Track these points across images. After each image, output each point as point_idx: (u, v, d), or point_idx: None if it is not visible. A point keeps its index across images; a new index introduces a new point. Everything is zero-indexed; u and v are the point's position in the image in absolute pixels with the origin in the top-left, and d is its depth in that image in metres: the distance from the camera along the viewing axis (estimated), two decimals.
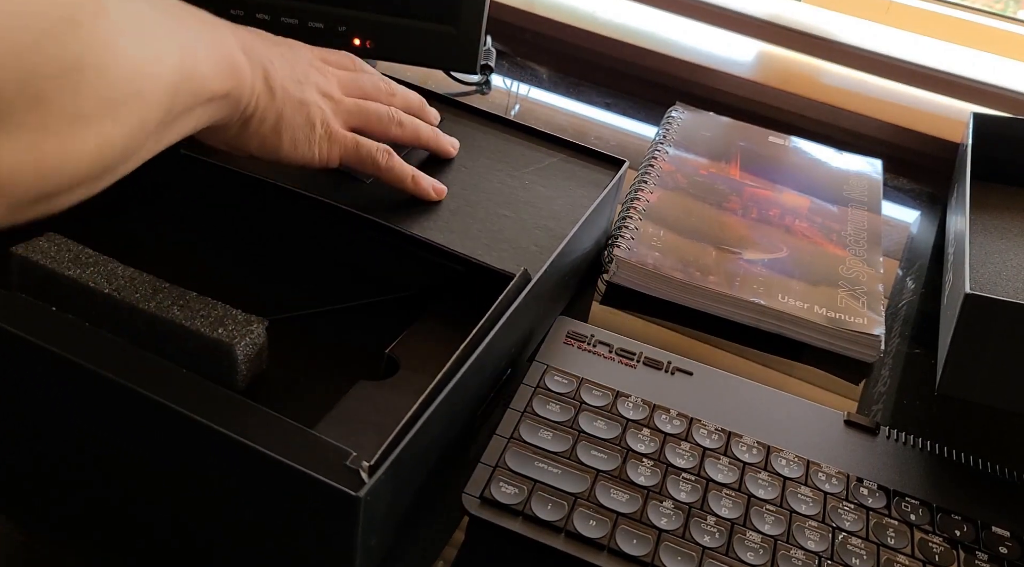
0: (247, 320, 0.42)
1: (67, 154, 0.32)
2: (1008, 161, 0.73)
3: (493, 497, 0.42)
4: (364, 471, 0.34)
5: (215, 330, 0.41)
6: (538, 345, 0.51)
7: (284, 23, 0.65)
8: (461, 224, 0.51)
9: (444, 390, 0.39)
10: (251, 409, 0.36)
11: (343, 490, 0.33)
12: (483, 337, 0.43)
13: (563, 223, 0.53)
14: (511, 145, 0.60)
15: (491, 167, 0.57)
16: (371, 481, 0.34)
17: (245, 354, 0.41)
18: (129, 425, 0.38)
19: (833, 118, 0.84)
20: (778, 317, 0.57)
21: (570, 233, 0.51)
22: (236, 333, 0.41)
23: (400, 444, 0.36)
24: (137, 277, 0.43)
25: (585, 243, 0.56)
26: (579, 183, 0.57)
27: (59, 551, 0.41)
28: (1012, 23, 0.92)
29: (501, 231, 0.51)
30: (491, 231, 0.51)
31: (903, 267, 0.68)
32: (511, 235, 0.51)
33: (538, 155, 0.59)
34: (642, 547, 0.41)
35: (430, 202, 0.52)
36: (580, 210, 0.54)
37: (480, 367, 0.43)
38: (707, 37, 0.92)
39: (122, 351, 0.37)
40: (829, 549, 0.42)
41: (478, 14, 0.67)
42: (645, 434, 0.46)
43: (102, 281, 0.42)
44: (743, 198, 0.68)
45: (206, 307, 0.42)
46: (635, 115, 0.82)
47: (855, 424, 0.49)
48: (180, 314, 0.41)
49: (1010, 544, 0.44)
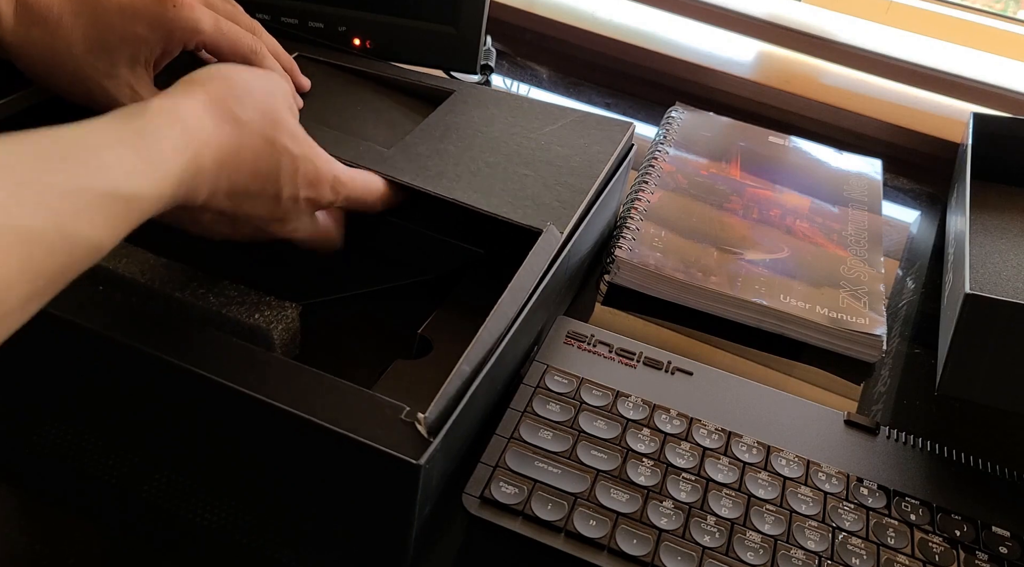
0: (281, 305, 0.43)
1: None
2: (1008, 161, 0.73)
3: (493, 497, 0.42)
4: (421, 424, 0.35)
5: (251, 316, 0.41)
6: (536, 345, 0.51)
7: (284, 23, 0.66)
8: (484, 184, 0.51)
9: (499, 349, 0.40)
10: (306, 373, 0.37)
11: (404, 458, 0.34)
12: (525, 292, 0.43)
13: (583, 179, 0.53)
14: (521, 113, 0.59)
15: (506, 131, 0.57)
16: (432, 444, 0.35)
17: (281, 338, 0.42)
18: (177, 401, 0.39)
19: (833, 118, 0.84)
20: (780, 317, 0.57)
21: (592, 188, 0.51)
22: (272, 318, 0.42)
23: (458, 405, 0.37)
24: (170, 266, 0.43)
25: (608, 207, 0.56)
26: (593, 140, 0.57)
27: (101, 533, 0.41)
28: (1012, 23, 0.92)
29: (523, 189, 0.51)
30: (513, 190, 0.51)
31: (903, 267, 0.68)
32: (533, 192, 0.51)
33: (550, 119, 0.59)
34: (642, 547, 0.41)
35: (446, 161, 0.51)
36: (598, 166, 0.54)
37: (524, 327, 0.43)
38: (707, 37, 0.92)
39: (167, 328, 0.38)
40: (829, 549, 0.42)
41: (478, 14, 0.67)
42: (645, 434, 0.46)
43: (135, 271, 0.43)
44: (744, 198, 0.68)
45: (240, 294, 0.43)
46: (635, 115, 0.82)
47: (855, 424, 0.49)
48: (215, 301, 0.42)
49: (1010, 544, 0.44)
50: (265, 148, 0.41)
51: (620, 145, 0.57)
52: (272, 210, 0.43)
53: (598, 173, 0.53)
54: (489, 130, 0.57)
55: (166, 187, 0.35)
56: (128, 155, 0.33)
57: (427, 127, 0.55)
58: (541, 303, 0.45)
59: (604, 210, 0.56)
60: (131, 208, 0.33)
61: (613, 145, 0.57)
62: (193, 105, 0.38)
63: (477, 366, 0.39)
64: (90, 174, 0.32)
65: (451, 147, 0.54)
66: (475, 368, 0.39)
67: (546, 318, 0.51)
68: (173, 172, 0.35)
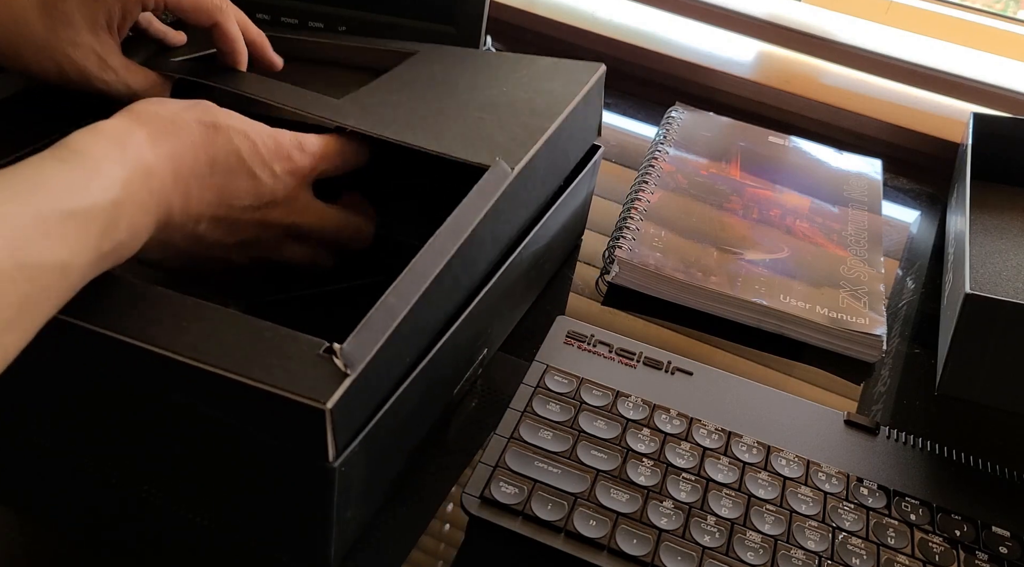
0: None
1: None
2: (1008, 161, 0.73)
3: (493, 497, 0.42)
4: (338, 356, 0.32)
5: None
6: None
7: (284, 23, 0.66)
8: (435, 129, 0.47)
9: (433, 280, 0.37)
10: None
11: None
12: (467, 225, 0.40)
13: (543, 118, 0.49)
14: (486, 65, 0.57)
15: (467, 82, 0.54)
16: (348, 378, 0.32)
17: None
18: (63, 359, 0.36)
19: (833, 118, 0.84)
20: (780, 318, 0.57)
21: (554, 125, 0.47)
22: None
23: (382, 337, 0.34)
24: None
25: (572, 146, 0.52)
26: (560, 83, 0.53)
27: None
28: (1012, 23, 0.92)
29: (477, 131, 0.47)
30: (465, 133, 0.47)
31: (903, 267, 0.68)
32: (488, 133, 0.47)
33: (516, 68, 0.56)
34: (642, 547, 0.41)
35: (398, 110, 0.49)
36: (562, 105, 0.50)
37: (468, 262, 0.40)
38: (707, 37, 0.92)
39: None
40: (829, 549, 0.42)
41: (478, 14, 0.67)
42: (645, 434, 0.46)
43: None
44: (744, 198, 0.68)
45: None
46: (635, 115, 0.82)
47: (855, 424, 0.49)
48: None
49: (1010, 544, 0.44)
50: (210, 134, 0.40)
51: (588, 85, 0.53)
52: (258, 193, 0.42)
53: (560, 112, 0.49)
54: (448, 81, 0.54)
55: (115, 193, 0.34)
56: (66, 170, 0.33)
57: (382, 81, 0.53)
58: (488, 240, 0.43)
59: (568, 147, 0.52)
60: (88, 223, 0.33)
61: (580, 86, 0.53)
62: (114, 122, 0.38)
63: (410, 300, 0.36)
64: (34, 198, 0.31)
65: (405, 98, 0.51)
66: (408, 302, 0.36)
67: (498, 255, 0.47)
68: (117, 177, 0.35)
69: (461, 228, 0.40)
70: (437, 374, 0.42)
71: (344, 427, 0.33)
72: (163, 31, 0.55)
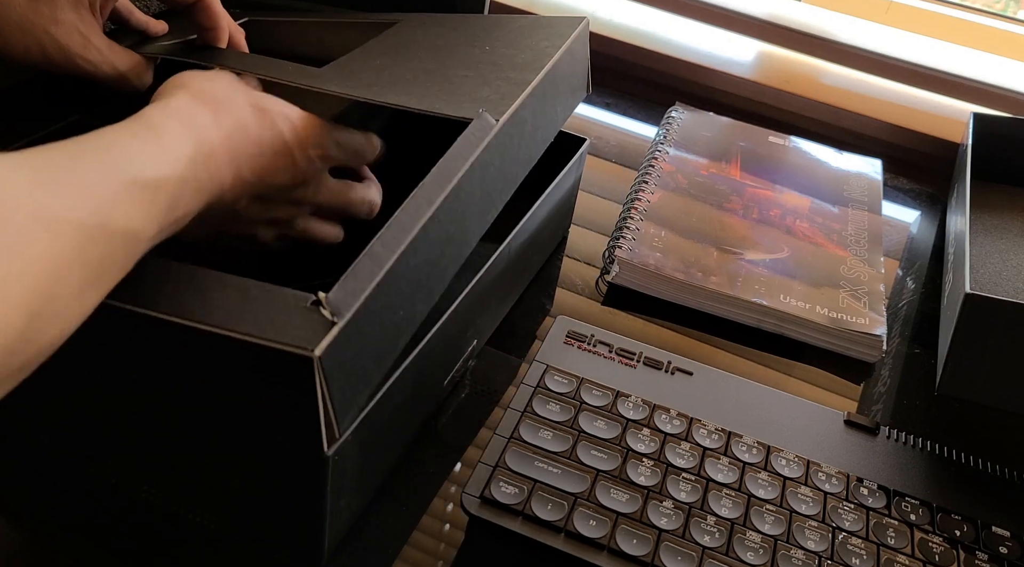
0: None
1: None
2: (1008, 161, 0.73)
3: (493, 497, 0.42)
4: (324, 306, 0.32)
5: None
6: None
7: None
8: (418, 89, 0.46)
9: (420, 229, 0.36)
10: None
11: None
12: (451, 176, 0.39)
13: (527, 72, 0.48)
14: (468, 27, 0.56)
15: (449, 42, 0.53)
16: (337, 326, 0.31)
17: None
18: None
19: (833, 118, 0.84)
20: (780, 318, 0.57)
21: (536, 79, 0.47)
22: None
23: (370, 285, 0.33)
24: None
25: (561, 99, 0.52)
26: (543, 37, 0.53)
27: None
28: (1012, 23, 0.92)
29: (460, 87, 0.46)
30: (449, 90, 0.46)
31: (903, 267, 0.68)
32: (470, 89, 0.46)
33: (499, 27, 0.55)
34: (642, 547, 0.41)
35: (380, 74, 0.49)
36: (545, 58, 0.49)
37: (452, 213, 0.39)
38: (707, 37, 0.92)
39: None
40: (829, 549, 0.42)
41: None
42: (645, 434, 0.46)
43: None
44: (744, 198, 0.68)
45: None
46: (635, 115, 0.82)
47: (855, 424, 0.49)
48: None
49: (1010, 544, 0.44)
50: (259, 117, 0.42)
51: (571, 38, 0.52)
52: (294, 175, 0.44)
53: (543, 65, 0.48)
54: (429, 44, 0.53)
55: (182, 171, 0.36)
56: (139, 144, 0.35)
57: (364, 49, 0.53)
58: (478, 193, 0.42)
59: (556, 100, 0.51)
60: (157, 194, 0.34)
61: (563, 38, 0.52)
62: (180, 100, 0.40)
63: (396, 249, 0.35)
64: (116, 165, 0.33)
65: (387, 62, 0.50)
66: (395, 252, 0.35)
67: (484, 221, 0.45)
68: (186, 153, 0.37)
69: (446, 178, 0.40)
70: (427, 363, 0.42)
71: (337, 382, 0.33)
72: (145, 21, 0.55)
